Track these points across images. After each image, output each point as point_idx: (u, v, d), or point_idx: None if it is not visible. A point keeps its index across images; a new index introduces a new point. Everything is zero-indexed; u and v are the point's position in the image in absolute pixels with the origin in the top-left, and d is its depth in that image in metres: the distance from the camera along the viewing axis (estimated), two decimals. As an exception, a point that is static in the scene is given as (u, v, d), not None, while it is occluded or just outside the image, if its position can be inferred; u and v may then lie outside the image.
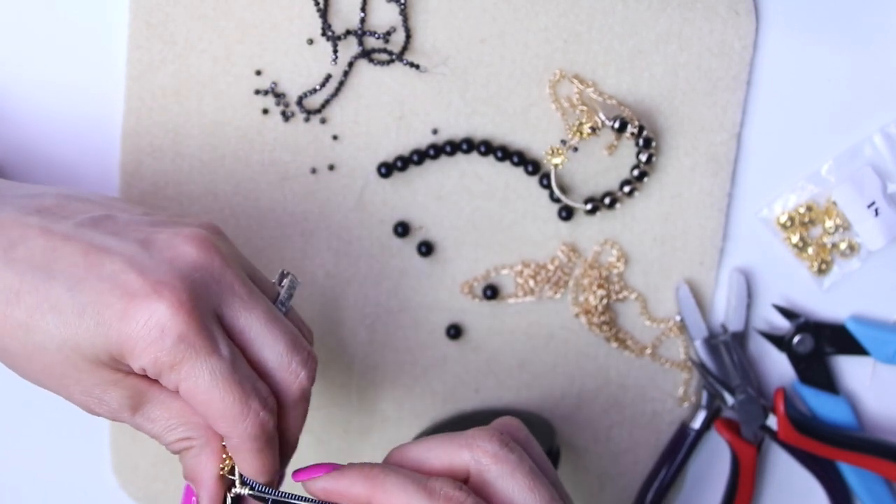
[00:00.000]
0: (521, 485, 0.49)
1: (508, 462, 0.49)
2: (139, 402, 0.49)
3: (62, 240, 0.48)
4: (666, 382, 0.68)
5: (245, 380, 0.48)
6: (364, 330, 0.66)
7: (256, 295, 0.50)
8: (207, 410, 0.48)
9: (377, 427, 0.68)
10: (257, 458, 0.49)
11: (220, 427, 0.48)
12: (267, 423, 0.49)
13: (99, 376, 0.48)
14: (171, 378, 0.47)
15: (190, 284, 0.47)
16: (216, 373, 0.47)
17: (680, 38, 0.63)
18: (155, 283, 0.47)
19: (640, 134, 0.63)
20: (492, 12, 0.62)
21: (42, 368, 0.48)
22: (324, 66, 0.62)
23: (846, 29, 0.65)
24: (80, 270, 0.47)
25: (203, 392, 0.47)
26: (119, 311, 0.46)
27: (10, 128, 0.62)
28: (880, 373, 0.70)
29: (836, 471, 0.70)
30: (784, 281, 0.68)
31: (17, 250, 0.48)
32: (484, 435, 0.50)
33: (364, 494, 0.49)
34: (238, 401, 0.48)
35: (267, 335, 0.49)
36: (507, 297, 0.66)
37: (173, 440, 0.50)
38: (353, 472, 0.49)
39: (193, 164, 0.63)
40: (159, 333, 0.46)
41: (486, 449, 0.50)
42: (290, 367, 0.50)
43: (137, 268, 0.47)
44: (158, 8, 0.61)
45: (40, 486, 0.68)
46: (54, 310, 0.47)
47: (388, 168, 0.63)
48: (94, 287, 0.47)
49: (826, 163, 0.66)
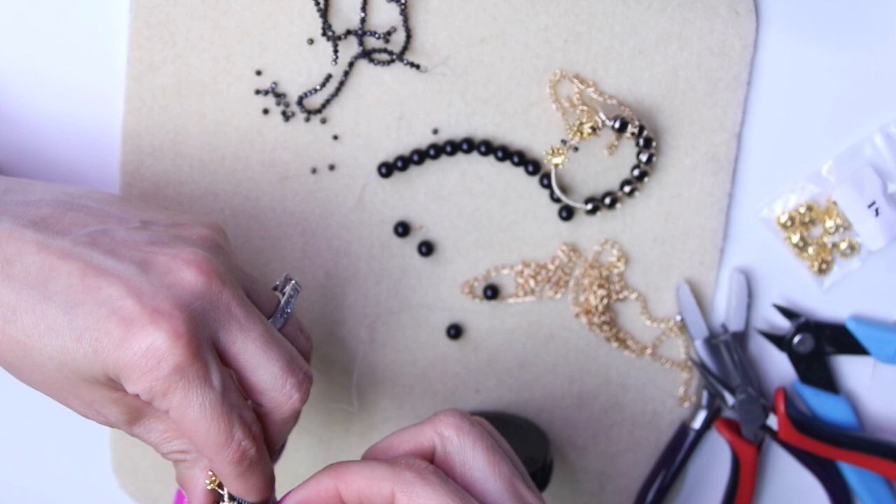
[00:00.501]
0: (482, 458, 0.50)
1: (470, 434, 0.50)
2: (136, 417, 0.50)
3: (59, 258, 0.47)
4: (666, 382, 0.68)
5: (232, 409, 0.48)
6: (364, 330, 0.66)
7: (254, 316, 0.50)
8: (192, 437, 0.48)
9: (377, 427, 0.68)
10: (239, 481, 0.50)
11: (203, 452, 0.49)
12: (248, 451, 0.49)
13: (98, 394, 0.48)
14: (161, 404, 0.47)
15: (189, 314, 0.47)
16: (205, 404, 0.47)
17: (680, 38, 0.63)
18: (152, 311, 0.46)
19: (640, 134, 0.63)
20: (492, 12, 0.62)
21: (41, 381, 0.49)
22: (324, 66, 0.62)
23: (846, 29, 0.65)
24: (77, 293, 0.47)
25: (190, 421, 0.48)
26: (116, 338, 0.46)
27: (10, 128, 0.62)
28: (880, 373, 0.70)
29: (836, 471, 0.70)
30: (784, 281, 0.68)
31: (13, 267, 0.47)
32: (448, 411, 0.51)
33: (332, 487, 0.49)
34: (222, 431, 0.48)
35: (262, 357, 0.50)
36: (507, 297, 0.66)
37: (168, 451, 0.51)
38: (316, 474, 0.50)
39: (193, 164, 0.63)
40: (156, 363, 0.46)
41: (448, 422, 0.50)
42: (283, 388, 0.50)
43: (135, 293, 0.47)
44: (158, 8, 0.61)
45: (40, 486, 0.68)
46: (51, 332, 0.47)
47: (389, 168, 0.63)
48: (92, 312, 0.46)
49: (826, 163, 0.66)
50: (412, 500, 0.47)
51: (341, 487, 0.49)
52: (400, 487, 0.47)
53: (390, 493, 0.47)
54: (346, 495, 0.49)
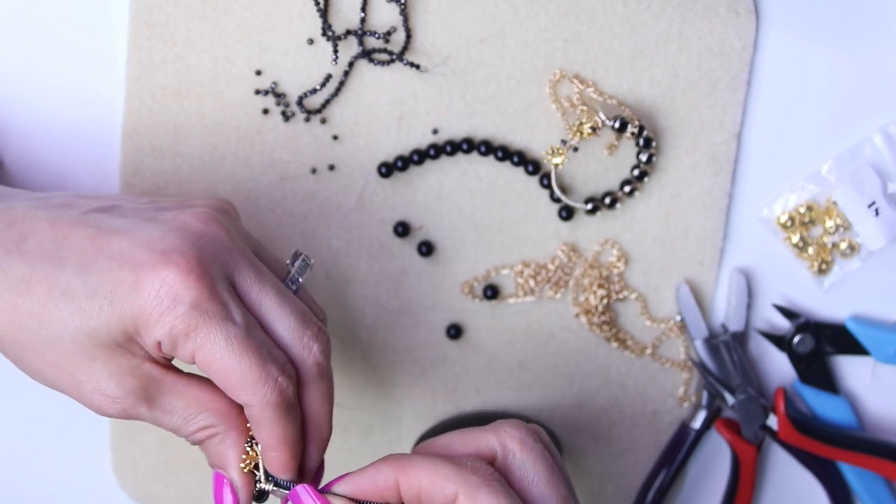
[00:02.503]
0: (542, 476, 0.49)
1: (534, 451, 0.50)
2: (155, 394, 0.49)
3: (70, 227, 0.48)
4: (666, 382, 0.68)
5: (261, 346, 0.48)
6: (364, 330, 0.66)
7: (264, 270, 0.50)
8: (226, 379, 0.48)
9: (377, 427, 0.68)
10: (279, 426, 0.49)
11: (239, 395, 0.48)
12: (286, 390, 0.48)
13: (114, 365, 0.48)
14: (186, 347, 0.47)
15: (199, 251, 0.47)
16: (231, 338, 0.47)
17: (680, 38, 0.63)
18: (162, 253, 0.47)
19: (640, 134, 0.63)
20: (492, 12, 0.62)
21: (54, 362, 0.48)
22: (324, 66, 0.62)
23: (846, 29, 0.65)
24: (88, 254, 0.47)
25: (220, 359, 0.47)
26: (130, 284, 0.46)
27: (10, 128, 0.62)
28: (880, 373, 0.70)
29: (836, 471, 0.70)
30: (784, 281, 0.68)
31: (27, 242, 0.48)
32: (512, 422, 0.51)
33: (392, 478, 0.48)
34: (255, 365, 0.47)
35: (278, 310, 0.49)
36: (507, 297, 0.66)
37: (194, 430, 0.50)
38: (376, 462, 0.49)
39: (193, 164, 0.63)
40: (171, 301, 0.46)
41: (513, 434, 0.50)
42: (302, 340, 0.49)
43: (144, 242, 0.47)
44: (158, 8, 0.61)
45: (40, 486, 0.68)
46: (66, 296, 0.47)
47: (389, 168, 0.63)
48: (103, 267, 0.47)
49: (826, 163, 0.66)
50: None
51: (402, 480, 0.48)
52: (464, 490, 0.47)
53: (454, 493, 0.47)
54: (406, 489, 0.48)
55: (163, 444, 0.66)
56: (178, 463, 0.67)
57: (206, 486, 0.67)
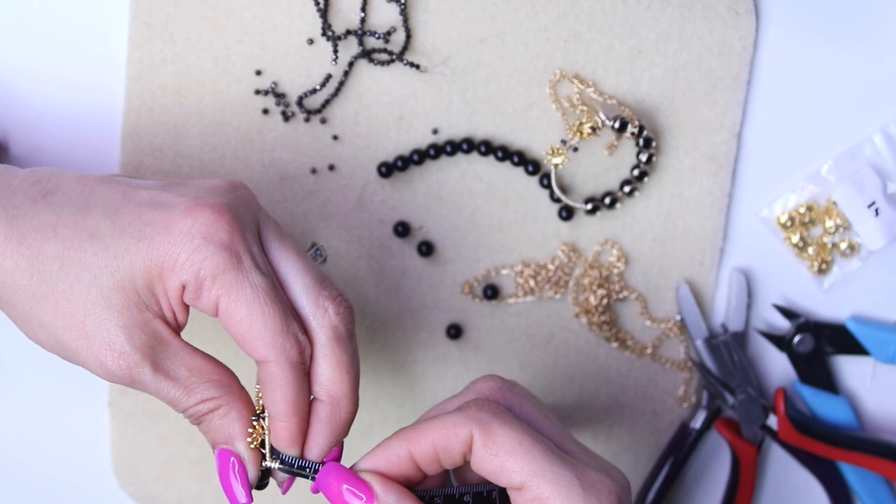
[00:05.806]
0: (532, 414, 0.51)
1: (516, 395, 0.51)
2: (161, 356, 0.48)
3: (98, 182, 0.49)
4: (666, 382, 0.68)
5: (283, 302, 0.48)
6: (364, 330, 0.66)
7: (285, 232, 0.50)
8: (248, 330, 0.47)
9: (377, 427, 0.68)
10: (292, 389, 0.48)
11: (259, 348, 0.47)
12: (304, 350, 0.48)
13: (128, 316, 0.47)
14: (211, 293, 0.47)
15: (230, 201, 0.48)
16: (258, 288, 0.47)
17: (680, 38, 0.63)
18: (195, 198, 0.47)
19: (640, 134, 0.63)
20: (492, 12, 0.62)
21: (67, 311, 0.47)
22: (324, 66, 0.62)
23: (846, 29, 0.65)
24: (118, 202, 0.48)
25: (244, 307, 0.47)
26: (160, 224, 0.47)
27: (10, 128, 0.62)
28: (880, 373, 0.70)
29: (836, 471, 0.70)
30: (784, 281, 0.68)
31: (55, 195, 0.48)
32: (484, 377, 0.52)
33: (403, 450, 0.49)
34: (279, 317, 0.47)
35: (295, 268, 0.49)
36: (507, 297, 0.66)
37: (197, 401, 0.48)
38: (383, 442, 0.50)
39: (193, 164, 0.63)
40: (203, 240, 0.46)
41: (490, 387, 0.51)
42: (317, 301, 0.49)
43: (175, 191, 0.48)
44: (158, 8, 0.61)
45: (40, 487, 0.68)
46: (93, 237, 0.47)
47: (389, 168, 0.63)
48: (134, 210, 0.47)
49: (826, 163, 0.66)
50: (491, 437, 0.47)
51: (412, 448, 0.48)
52: (477, 427, 0.47)
53: (468, 435, 0.47)
54: (420, 454, 0.48)
55: (163, 444, 0.66)
56: (178, 463, 0.67)
57: (207, 486, 0.67)
